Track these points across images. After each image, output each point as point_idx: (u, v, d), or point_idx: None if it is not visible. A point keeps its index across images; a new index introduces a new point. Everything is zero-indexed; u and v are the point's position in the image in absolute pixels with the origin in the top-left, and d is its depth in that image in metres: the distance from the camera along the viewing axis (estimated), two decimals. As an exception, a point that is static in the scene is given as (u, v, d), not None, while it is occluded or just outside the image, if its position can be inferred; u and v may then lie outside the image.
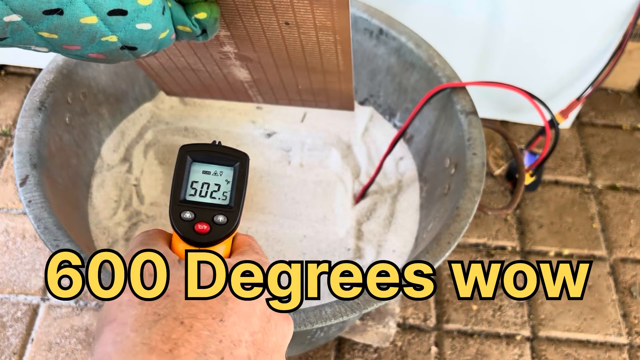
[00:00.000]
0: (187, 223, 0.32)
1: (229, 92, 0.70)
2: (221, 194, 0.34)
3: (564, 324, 0.82)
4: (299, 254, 0.74)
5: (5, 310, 0.77)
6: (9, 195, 0.88)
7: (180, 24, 0.41)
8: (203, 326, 0.27)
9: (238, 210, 0.33)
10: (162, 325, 0.26)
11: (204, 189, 0.34)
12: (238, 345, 0.27)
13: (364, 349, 0.77)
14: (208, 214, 0.33)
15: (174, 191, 0.33)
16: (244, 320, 0.28)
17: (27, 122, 0.62)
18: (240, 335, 0.28)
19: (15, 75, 1.02)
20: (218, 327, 0.27)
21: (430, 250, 0.58)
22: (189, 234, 0.32)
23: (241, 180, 0.34)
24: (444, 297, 0.83)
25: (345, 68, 0.58)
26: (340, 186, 0.79)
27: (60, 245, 0.54)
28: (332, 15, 0.46)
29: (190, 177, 0.34)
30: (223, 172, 0.34)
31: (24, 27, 0.34)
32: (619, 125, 1.06)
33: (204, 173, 0.34)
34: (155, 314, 0.27)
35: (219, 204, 0.33)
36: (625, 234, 0.92)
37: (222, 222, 0.33)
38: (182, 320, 0.27)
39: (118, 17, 0.35)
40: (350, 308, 0.52)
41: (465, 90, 0.70)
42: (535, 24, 0.86)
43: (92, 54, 0.38)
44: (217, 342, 0.26)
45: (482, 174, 0.63)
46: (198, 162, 0.34)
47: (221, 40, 0.53)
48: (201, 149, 0.34)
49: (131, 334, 0.26)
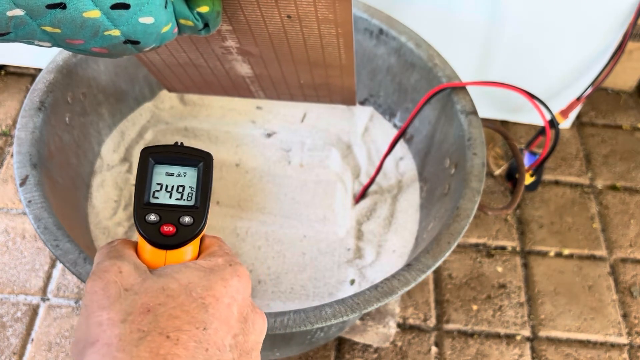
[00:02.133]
0: (153, 226, 0.32)
1: (230, 87, 0.69)
2: (186, 195, 0.33)
3: (564, 324, 0.82)
4: (299, 254, 0.74)
5: (5, 310, 0.77)
6: (9, 195, 0.87)
7: (183, 17, 0.41)
8: (189, 337, 0.27)
9: (204, 211, 0.33)
10: (148, 342, 0.26)
11: (168, 191, 0.33)
12: (223, 351, 0.27)
13: (364, 349, 0.77)
14: (173, 216, 0.32)
15: (138, 194, 0.33)
16: (225, 324, 0.28)
17: (27, 122, 0.62)
18: (223, 340, 0.28)
19: (15, 75, 1.02)
20: (203, 336, 0.27)
21: (430, 250, 0.57)
22: (155, 237, 0.32)
23: (206, 180, 0.33)
24: (444, 297, 0.83)
25: (347, 62, 0.58)
26: (340, 186, 0.79)
27: (60, 245, 0.54)
28: (335, 8, 0.46)
29: (154, 179, 0.33)
30: (187, 173, 0.34)
31: (27, 22, 0.34)
32: (619, 125, 1.06)
33: (167, 175, 0.33)
34: (140, 330, 0.26)
35: (184, 205, 0.33)
36: (626, 234, 0.92)
37: (189, 223, 0.32)
38: (167, 334, 0.26)
39: (121, 10, 0.35)
40: (350, 308, 0.52)
41: (465, 90, 0.70)
42: (535, 24, 0.86)
43: (95, 48, 0.38)
44: (204, 352, 0.27)
45: (482, 174, 0.63)
46: (161, 163, 0.34)
47: (223, 35, 0.53)
48: (163, 151, 0.34)
49: (118, 354, 0.25)
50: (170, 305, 0.28)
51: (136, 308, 0.27)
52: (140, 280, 0.29)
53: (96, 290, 0.28)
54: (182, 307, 0.28)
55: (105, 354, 0.26)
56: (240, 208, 0.77)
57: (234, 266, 0.31)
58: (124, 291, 0.28)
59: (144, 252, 0.32)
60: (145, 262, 0.32)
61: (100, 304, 0.28)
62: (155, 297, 0.28)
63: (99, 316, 0.27)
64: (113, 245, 0.32)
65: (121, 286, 0.28)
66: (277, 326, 0.51)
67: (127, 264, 0.30)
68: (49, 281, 0.80)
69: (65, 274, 0.81)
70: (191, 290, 0.28)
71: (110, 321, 0.27)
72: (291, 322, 0.51)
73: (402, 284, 0.54)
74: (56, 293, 0.79)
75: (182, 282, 0.29)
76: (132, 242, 0.33)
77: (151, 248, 0.32)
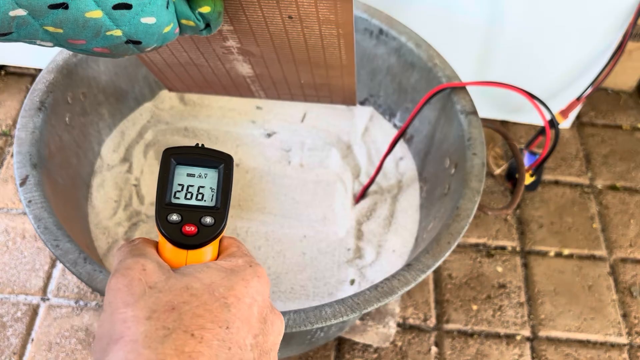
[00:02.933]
0: (175, 225, 0.32)
1: (231, 87, 0.70)
2: (207, 195, 0.34)
3: (564, 324, 0.82)
4: (299, 254, 0.74)
5: (5, 310, 0.77)
6: (9, 195, 0.88)
7: (185, 17, 0.41)
8: (212, 336, 0.27)
9: (225, 211, 0.33)
10: (173, 340, 0.26)
11: (189, 192, 0.34)
12: (244, 350, 0.28)
13: (364, 349, 0.77)
14: (195, 216, 0.33)
15: (160, 194, 0.33)
16: (246, 324, 0.29)
17: (27, 122, 0.62)
18: (245, 339, 0.28)
19: (15, 75, 1.02)
20: (226, 335, 0.27)
21: (430, 250, 0.58)
22: (176, 237, 0.32)
23: (226, 182, 0.34)
24: (444, 297, 0.83)
25: (348, 62, 0.58)
26: (340, 186, 0.79)
27: (60, 245, 0.54)
28: (336, 9, 0.46)
29: (175, 180, 0.34)
30: (208, 174, 0.34)
31: (30, 22, 0.34)
32: (619, 125, 1.06)
33: (189, 176, 0.34)
34: (165, 328, 0.27)
35: (206, 206, 0.33)
36: (625, 234, 0.92)
37: (210, 224, 0.33)
38: (192, 332, 0.27)
39: (123, 11, 0.36)
40: (350, 308, 0.52)
41: (465, 90, 0.70)
42: (535, 24, 0.86)
43: (97, 48, 0.38)
44: (226, 350, 0.27)
45: (482, 174, 0.63)
46: (182, 164, 0.34)
47: (224, 35, 0.53)
48: (185, 152, 0.34)
49: (144, 350, 0.26)
50: (194, 303, 0.28)
51: (161, 306, 0.27)
52: (164, 278, 0.29)
53: (120, 287, 0.28)
54: (205, 306, 0.28)
55: (130, 350, 0.26)
56: (240, 208, 0.77)
57: (254, 267, 0.31)
58: (148, 289, 0.28)
59: (165, 251, 0.32)
60: (166, 261, 0.32)
61: (124, 300, 0.28)
62: (180, 296, 0.28)
63: (123, 313, 0.27)
64: (135, 243, 0.32)
65: (145, 284, 0.28)
66: (277, 326, 0.51)
67: (151, 262, 0.30)
68: (49, 281, 0.80)
69: (65, 274, 0.81)
70: (214, 290, 0.29)
71: (135, 318, 0.27)
72: (291, 322, 0.51)
73: (402, 284, 0.54)
74: (56, 293, 0.79)
75: (205, 281, 0.29)
76: (153, 241, 0.34)
77: (172, 247, 0.32)
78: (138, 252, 0.31)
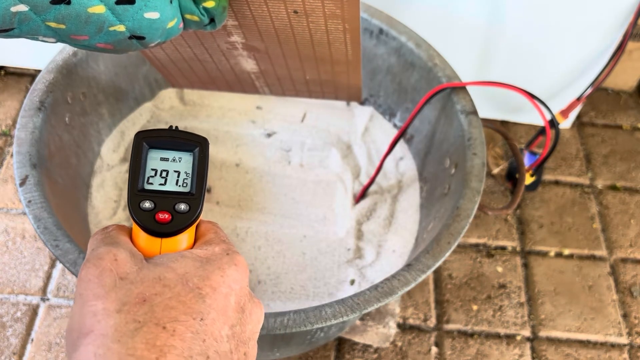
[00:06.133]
0: (147, 213, 0.31)
1: (235, 83, 0.69)
2: (181, 181, 0.32)
3: (564, 324, 0.82)
4: (299, 254, 0.74)
5: (5, 310, 0.77)
6: (9, 195, 0.87)
7: (189, 12, 0.41)
8: (185, 328, 0.26)
9: (200, 197, 0.32)
10: (144, 333, 0.25)
11: (163, 177, 0.32)
12: (220, 342, 0.27)
13: (364, 349, 0.77)
14: (169, 203, 0.31)
15: (132, 180, 0.32)
16: (222, 315, 0.28)
17: (27, 122, 0.62)
18: (220, 331, 0.27)
19: (15, 75, 1.02)
20: (200, 326, 0.27)
21: (430, 250, 0.57)
22: (149, 224, 0.31)
23: (202, 166, 0.32)
24: (444, 297, 0.83)
25: (353, 58, 0.57)
26: (340, 186, 0.79)
27: (60, 245, 0.54)
28: (342, 3, 0.46)
29: (148, 164, 0.32)
30: (182, 158, 0.32)
31: (32, 17, 0.34)
32: (619, 125, 1.06)
33: (162, 160, 0.32)
34: (135, 321, 0.26)
35: (180, 192, 0.32)
36: (626, 234, 0.92)
37: (184, 210, 0.31)
38: (163, 325, 0.26)
39: (126, 6, 0.35)
40: (350, 308, 0.52)
41: (465, 90, 0.70)
42: (535, 24, 0.86)
43: (100, 44, 0.38)
44: (200, 343, 0.26)
45: (482, 174, 0.63)
46: (155, 148, 0.32)
47: (229, 30, 0.53)
48: (157, 135, 0.32)
49: (113, 345, 0.25)
50: (167, 295, 0.27)
51: (132, 298, 0.27)
52: (136, 269, 0.28)
53: (90, 278, 0.28)
54: (178, 298, 0.27)
55: (100, 345, 0.25)
56: (240, 208, 0.77)
57: (231, 255, 0.30)
58: (119, 280, 0.27)
59: (139, 239, 0.31)
60: (140, 250, 0.31)
61: (95, 292, 0.27)
62: (152, 287, 0.27)
63: (93, 305, 0.27)
64: (108, 231, 0.31)
65: (117, 275, 0.28)
66: (277, 326, 0.51)
67: (123, 252, 0.29)
68: (48, 281, 0.80)
69: (65, 274, 0.81)
70: (188, 280, 0.28)
71: (105, 311, 0.26)
72: (291, 322, 0.51)
73: (402, 284, 0.54)
74: (56, 293, 0.79)
75: (178, 271, 0.28)
76: (128, 228, 0.32)
77: (146, 236, 0.31)
78: (111, 241, 0.30)
